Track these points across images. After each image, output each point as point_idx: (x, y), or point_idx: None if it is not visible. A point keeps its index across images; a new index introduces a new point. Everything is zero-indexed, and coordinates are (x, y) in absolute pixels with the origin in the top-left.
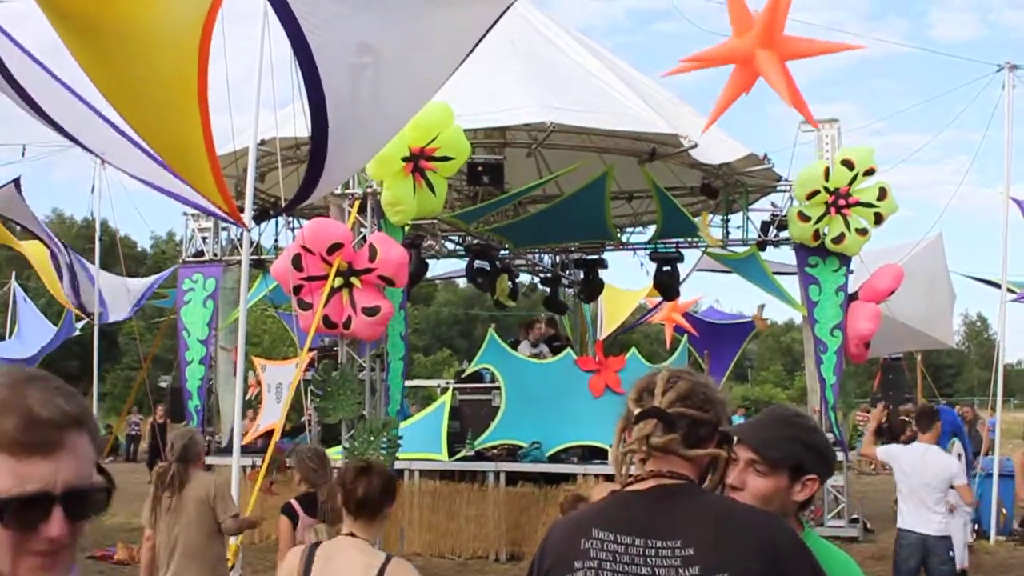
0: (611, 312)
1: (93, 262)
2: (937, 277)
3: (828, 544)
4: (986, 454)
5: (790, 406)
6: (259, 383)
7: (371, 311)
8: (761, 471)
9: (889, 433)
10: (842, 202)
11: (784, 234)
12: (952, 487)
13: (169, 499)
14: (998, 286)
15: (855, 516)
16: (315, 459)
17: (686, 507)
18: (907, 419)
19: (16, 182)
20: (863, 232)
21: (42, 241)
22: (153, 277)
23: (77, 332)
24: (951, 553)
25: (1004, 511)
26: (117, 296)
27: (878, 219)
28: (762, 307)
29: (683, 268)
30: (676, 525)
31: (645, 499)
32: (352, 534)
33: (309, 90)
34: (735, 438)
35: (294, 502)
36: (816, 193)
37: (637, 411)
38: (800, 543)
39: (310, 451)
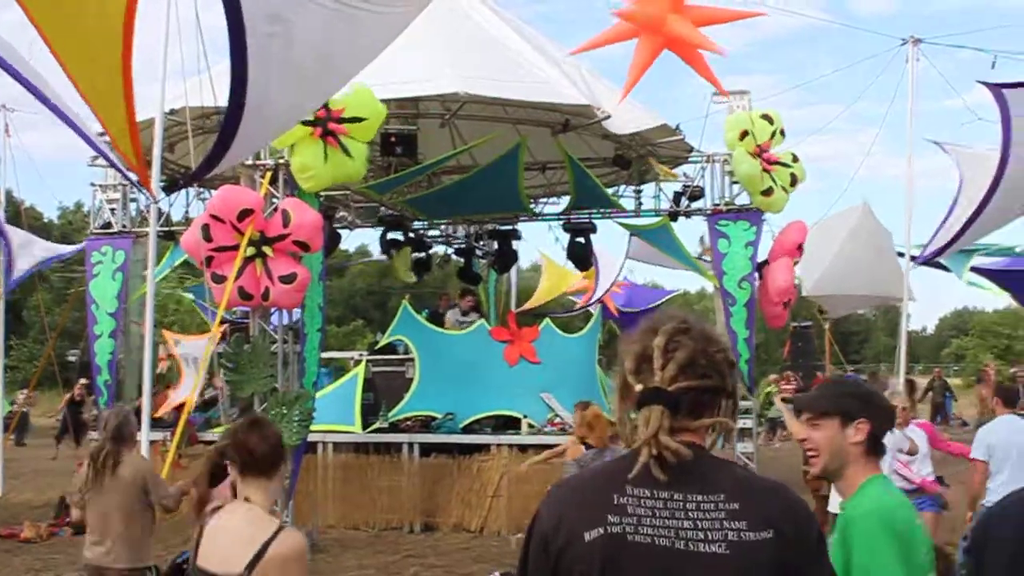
0: (548, 287)
1: None
2: (878, 237)
3: (884, 492)
4: None
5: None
6: (169, 357)
7: (288, 279)
8: (815, 424)
9: None
10: (768, 157)
11: (696, 204)
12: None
13: (102, 478)
14: (902, 255)
15: None
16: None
17: (713, 468)
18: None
19: None
20: (784, 190)
21: None
22: (67, 249)
23: None
24: None
25: None
26: (22, 253)
27: (793, 180)
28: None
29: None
30: (712, 480)
31: (671, 458)
32: (247, 499)
33: (234, 60)
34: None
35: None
36: (746, 135)
37: (638, 388)
38: (812, 512)
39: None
